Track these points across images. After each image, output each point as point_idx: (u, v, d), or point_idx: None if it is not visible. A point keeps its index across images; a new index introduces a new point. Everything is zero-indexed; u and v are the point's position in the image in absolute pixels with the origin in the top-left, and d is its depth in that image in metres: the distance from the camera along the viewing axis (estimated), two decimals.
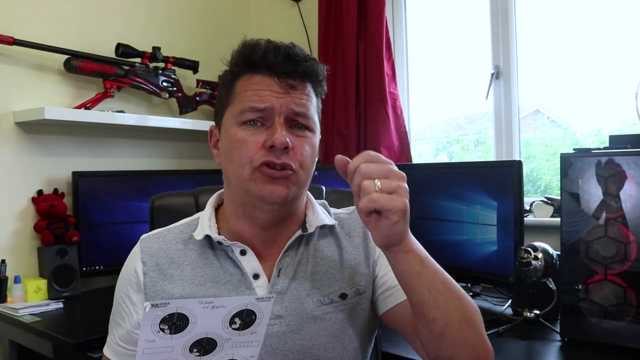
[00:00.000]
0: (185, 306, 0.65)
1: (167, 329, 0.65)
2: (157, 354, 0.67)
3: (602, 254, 1.31)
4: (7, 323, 1.76)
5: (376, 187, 0.75)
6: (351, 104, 2.35)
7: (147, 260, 0.93)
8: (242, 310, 0.68)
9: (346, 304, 0.94)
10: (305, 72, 0.90)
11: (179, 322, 0.66)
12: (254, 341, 0.71)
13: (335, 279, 0.95)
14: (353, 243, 0.99)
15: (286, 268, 0.94)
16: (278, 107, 0.88)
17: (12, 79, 1.97)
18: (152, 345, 0.66)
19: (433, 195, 1.95)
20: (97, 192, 2.08)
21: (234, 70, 0.93)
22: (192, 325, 0.66)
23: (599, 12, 2.03)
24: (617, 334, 1.29)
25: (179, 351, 0.68)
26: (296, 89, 0.89)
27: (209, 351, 0.69)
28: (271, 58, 0.88)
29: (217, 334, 0.68)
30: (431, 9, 2.52)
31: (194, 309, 0.65)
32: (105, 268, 2.09)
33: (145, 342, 0.66)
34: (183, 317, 0.65)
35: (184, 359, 0.68)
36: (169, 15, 2.48)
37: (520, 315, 1.51)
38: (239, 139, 0.88)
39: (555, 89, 2.17)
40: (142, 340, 0.66)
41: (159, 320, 0.64)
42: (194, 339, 0.67)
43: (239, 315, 0.68)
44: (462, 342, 0.83)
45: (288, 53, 0.89)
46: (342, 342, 0.92)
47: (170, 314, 0.64)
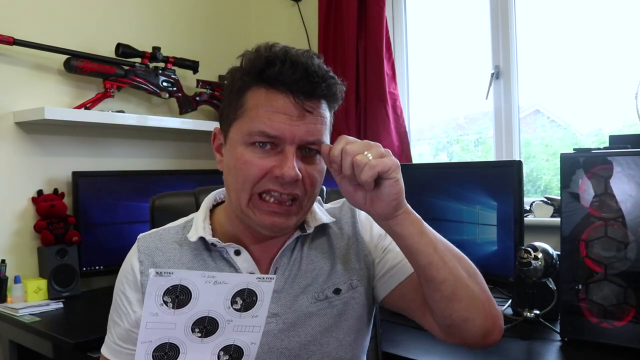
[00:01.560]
0: (189, 278, 0.67)
1: (170, 302, 0.66)
2: (160, 330, 0.68)
3: (602, 254, 1.31)
4: (7, 323, 1.76)
5: (368, 157, 0.78)
6: (351, 104, 2.35)
7: (144, 259, 0.93)
8: (243, 289, 0.69)
9: (340, 299, 0.94)
10: (323, 93, 0.86)
11: (182, 296, 0.67)
12: (256, 326, 0.72)
13: (329, 275, 0.96)
14: (344, 238, 0.99)
15: (282, 267, 0.94)
16: (290, 137, 0.83)
17: (12, 79, 1.97)
18: (155, 320, 0.67)
19: (433, 195, 1.95)
20: (97, 192, 2.08)
21: (244, 80, 0.87)
22: (195, 301, 0.67)
23: (599, 12, 2.03)
24: (617, 334, 1.29)
25: (181, 329, 0.69)
26: (312, 112, 0.85)
27: (211, 333, 0.70)
28: (288, 75, 0.82)
29: (219, 314, 0.69)
30: (431, 9, 2.52)
31: (196, 282, 0.67)
32: (105, 268, 2.09)
33: (149, 315, 0.67)
34: (186, 291, 0.67)
35: (186, 338, 0.69)
36: (169, 15, 2.48)
37: (520, 315, 1.51)
38: (245, 161, 0.85)
39: (555, 89, 2.17)
40: (146, 313, 0.67)
41: (162, 291, 0.66)
42: (197, 317, 0.69)
43: (240, 295, 0.69)
44: (473, 300, 0.85)
45: (307, 71, 0.83)
46: (337, 336, 0.93)
47: (173, 285, 0.66)
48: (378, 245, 0.99)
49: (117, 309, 0.95)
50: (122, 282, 0.95)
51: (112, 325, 0.95)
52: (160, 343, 0.69)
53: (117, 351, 0.93)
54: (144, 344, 0.68)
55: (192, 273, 0.67)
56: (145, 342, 0.68)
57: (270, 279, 0.70)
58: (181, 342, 0.70)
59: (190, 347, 0.70)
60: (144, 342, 0.68)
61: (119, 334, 0.93)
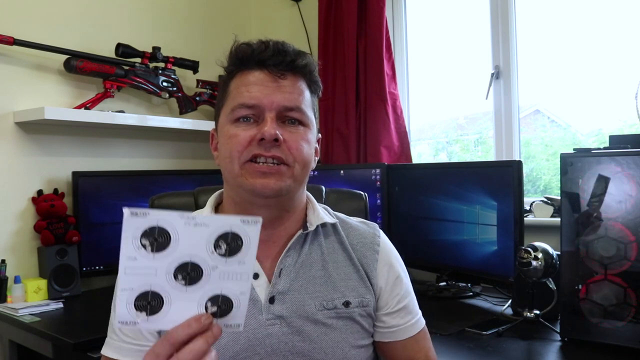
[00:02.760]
0: (166, 219, 0.63)
1: (148, 246, 0.63)
2: (140, 276, 0.64)
3: (602, 254, 1.31)
4: (7, 323, 1.76)
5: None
6: (351, 104, 2.35)
7: None
8: (226, 232, 0.65)
9: (349, 312, 0.94)
10: (294, 64, 0.91)
11: (161, 239, 0.63)
12: (243, 273, 0.67)
13: (340, 286, 0.95)
14: (357, 252, 0.99)
15: (287, 268, 0.93)
16: (269, 104, 0.89)
17: (12, 79, 1.97)
18: (134, 265, 0.64)
19: (433, 195, 1.95)
20: (97, 192, 2.08)
21: (228, 70, 0.95)
22: (175, 244, 0.64)
23: (599, 12, 2.03)
24: (617, 334, 1.29)
25: (162, 275, 0.65)
26: (286, 78, 0.90)
27: (195, 280, 0.66)
28: (260, 53, 0.90)
29: (202, 259, 0.65)
30: (431, 9, 2.52)
31: (175, 223, 0.63)
32: (105, 268, 2.09)
33: (127, 259, 0.64)
34: (164, 234, 0.64)
35: (169, 286, 0.65)
36: (169, 15, 2.48)
37: (520, 315, 1.51)
38: (230, 135, 0.90)
39: (555, 89, 2.17)
40: (123, 257, 0.64)
41: (139, 233, 0.63)
42: (178, 262, 0.65)
43: (224, 239, 0.65)
44: None
45: (277, 48, 0.91)
46: (342, 348, 0.92)
47: (150, 227, 0.63)
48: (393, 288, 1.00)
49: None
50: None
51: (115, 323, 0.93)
52: (141, 291, 0.65)
53: (123, 348, 0.90)
54: (124, 292, 0.64)
55: (169, 214, 0.64)
56: (126, 289, 0.64)
57: (256, 222, 0.66)
58: (164, 290, 0.65)
59: (175, 296, 0.65)
60: (124, 290, 0.64)
61: (127, 329, 0.90)
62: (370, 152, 2.32)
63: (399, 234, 2.07)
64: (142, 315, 0.65)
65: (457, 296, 1.90)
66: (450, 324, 1.55)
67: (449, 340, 1.44)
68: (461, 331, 1.50)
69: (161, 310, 0.66)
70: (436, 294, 1.93)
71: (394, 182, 2.10)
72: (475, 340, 1.43)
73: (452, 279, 1.95)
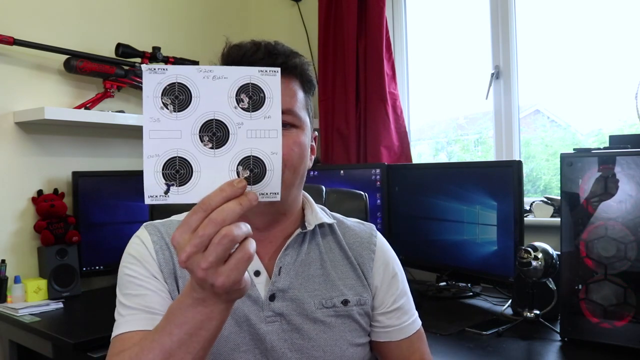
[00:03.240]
0: (185, 74, 0.63)
1: (170, 104, 0.62)
2: (165, 140, 0.63)
3: (602, 254, 1.31)
4: (7, 323, 1.76)
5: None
6: (351, 104, 2.35)
7: (157, 240, 0.92)
8: (246, 84, 0.64)
9: (347, 311, 0.95)
10: (286, 65, 0.89)
11: (182, 96, 0.63)
12: (272, 130, 0.65)
13: (339, 284, 0.96)
14: (354, 251, 1.00)
15: (287, 267, 0.94)
16: None
17: (12, 79, 1.97)
18: (157, 127, 0.63)
19: (433, 195, 1.95)
20: (97, 192, 2.08)
21: None
22: (196, 100, 0.63)
23: (599, 12, 2.03)
24: (617, 334, 1.29)
25: (188, 137, 0.63)
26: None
27: (222, 141, 0.64)
28: (252, 55, 0.88)
29: (226, 116, 0.64)
30: (431, 9, 2.52)
31: (193, 78, 0.63)
32: (105, 268, 2.09)
33: (150, 121, 0.62)
34: (185, 90, 0.63)
35: (196, 150, 0.63)
36: (168, 15, 2.48)
37: (520, 315, 1.51)
38: None
39: (555, 89, 2.17)
40: (147, 120, 0.62)
41: (160, 91, 0.62)
42: (202, 120, 0.63)
43: (245, 92, 0.64)
44: None
45: (268, 49, 0.89)
46: (340, 346, 0.93)
47: (170, 84, 0.62)
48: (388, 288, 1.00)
49: (131, 285, 0.89)
50: (132, 259, 0.91)
51: (129, 300, 0.88)
52: (168, 157, 0.63)
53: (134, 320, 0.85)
54: (151, 159, 0.62)
55: (187, 68, 0.63)
56: (152, 155, 0.63)
57: (274, 72, 0.65)
58: (192, 155, 0.63)
59: (204, 162, 0.63)
60: (151, 157, 0.62)
61: (145, 301, 0.86)
62: (370, 152, 2.32)
63: (399, 234, 2.07)
64: (172, 188, 0.63)
65: (457, 296, 1.90)
66: (450, 324, 1.55)
67: (449, 340, 1.44)
68: (461, 331, 1.50)
69: (190, 179, 0.63)
70: (436, 294, 1.93)
71: (394, 182, 2.10)
72: (475, 340, 1.43)
73: (452, 279, 1.95)
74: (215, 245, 0.60)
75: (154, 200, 0.63)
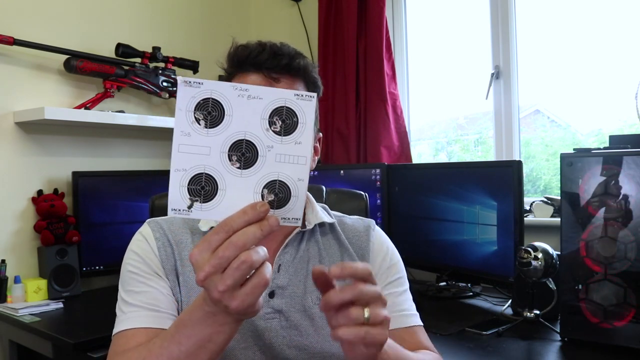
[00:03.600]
0: (220, 90, 0.62)
1: (202, 120, 0.62)
2: (194, 155, 0.62)
3: (602, 254, 1.31)
4: (7, 323, 1.76)
5: (365, 317, 0.65)
6: (351, 104, 2.35)
7: (159, 236, 0.94)
8: (281, 107, 0.63)
9: None
10: (290, 66, 0.90)
11: (215, 112, 0.62)
12: (301, 156, 0.64)
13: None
14: (353, 246, 1.01)
15: (286, 264, 0.95)
16: None
17: (12, 79, 1.97)
18: (187, 141, 0.62)
19: (433, 195, 1.95)
20: (97, 192, 2.08)
21: (227, 72, 0.96)
22: (229, 119, 0.62)
23: (599, 12, 2.03)
24: (617, 334, 1.29)
25: (216, 155, 0.63)
26: (280, 82, 0.90)
27: (250, 162, 0.63)
28: (257, 56, 0.90)
29: (257, 137, 0.63)
30: (431, 9, 2.52)
31: (228, 95, 0.62)
32: (105, 268, 2.09)
33: (180, 135, 0.62)
34: (218, 106, 0.62)
35: (224, 168, 0.63)
36: (168, 15, 2.48)
37: (520, 315, 1.51)
38: None
39: (555, 89, 2.17)
40: (177, 133, 0.62)
41: (193, 105, 0.62)
42: (233, 139, 0.63)
43: (278, 115, 0.63)
44: None
45: (273, 50, 0.90)
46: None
47: (204, 99, 0.62)
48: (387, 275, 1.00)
49: (133, 281, 0.90)
50: (135, 255, 0.92)
51: (131, 297, 0.89)
52: (195, 173, 0.63)
53: (147, 317, 0.86)
54: (178, 172, 0.63)
55: (222, 84, 0.62)
56: (179, 170, 0.63)
57: (310, 97, 0.64)
58: (219, 173, 0.63)
59: (230, 181, 0.63)
60: (178, 170, 0.63)
61: (147, 298, 0.88)
62: (370, 152, 2.32)
63: (399, 234, 2.07)
64: (196, 204, 0.63)
65: (457, 296, 1.90)
66: (450, 324, 1.55)
67: (449, 340, 1.44)
68: (461, 331, 1.50)
69: (215, 197, 0.63)
70: (436, 294, 1.93)
71: (394, 182, 2.10)
72: (475, 340, 1.43)
73: (452, 279, 1.95)
74: (234, 269, 0.60)
75: (176, 213, 0.64)
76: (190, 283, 0.91)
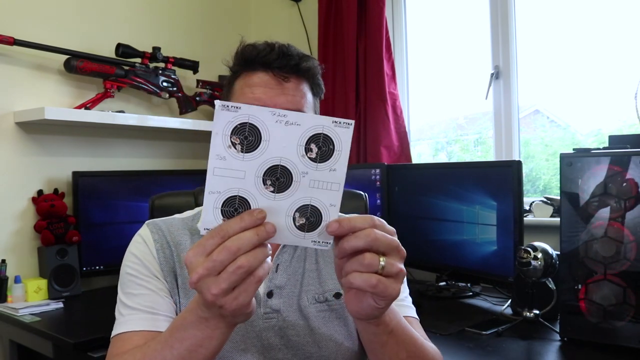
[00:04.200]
0: (257, 115, 0.61)
1: (238, 144, 0.61)
2: (229, 179, 0.62)
3: (601, 254, 1.31)
4: (7, 323, 1.77)
5: (380, 266, 0.63)
6: (351, 104, 2.35)
7: (157, 238, 0.94)
8: (318, 134, 0.63)
9: (340, 304, 0.95)
10: (298, 67, 0.91)
11: (251, 137, 0.62)
12: (334, 183, 0.65)
13: (331, 278, 0.97)
14: None
15: (284, 264, 0.95)
16: (272, 106, 0.87)
17: (12, 79, 1.97)
18: (222, 165, 0.62)
19: (433, 195, 1.95)
20: (97, 192, 2.08)
21: (233, 70, 0.96)
22: (265, 144, 0.62)
23: (598, 12, 2.03)
24: (617, 334, 1.29)
25: (251, 179, 0.62)
26: (289, 81, 0.91)
27: (284, 187, 0.63)
28: (266, 55, 0.91)
29: (292, 163, 0.63)
30: (431, 9, 2.52)
31: (266, 120, 0.61)
32: (105, 268, 2.09)
33: (216, 159, 0.61)
34: (255, 131, 0.62)
35: (257, 192, 0.63)
36: (168, 15, 2.48)
37: (520, 315, 1.51)
38: None
39: (555, 89, 2.17)
40: (212, 156, 0.61)
41: (230, 129, 0.61)
42: (268, 165, 0.62)
43: (315, 142, 0.63)
44: None
45: (282, 51, 0.91)
46: (335, 340, 0.93)
47: (241, 123, 0.61)
48: None
49: (132, 284, 0.90)
50: (134, 257, 0.92)
51: (130, 299, 0.90)
52: (229, 195, 0.63)
53: (146, 319, 0.87)
54: (212, 195, 0.62)
55: (261, 109, 0.61)
56: (214, 192, 0.62)
57: (348, 124, 0.64)
58: (252, 196, 0.63)
59: (263, 204, 0.63)
60: (212, 193, 0.62)
61: (146, 300, 0.88)
62: (370, 152, 2.33)
63: (399, 234, 2.05)
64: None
65: (457, 296, 1.90)
66: (450, 324, 1.55)
67: (449, 340, 1.44)
68: (461, 331, 1.50)
69: None
70: (436, 294, 1.93)
71: (394, 182, 2.10)
72: (475, 340, 1.43)
73: (452, 279, 1.95)
74: (230, 273, 0.60)
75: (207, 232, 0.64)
76: (188, 284, 0.91)
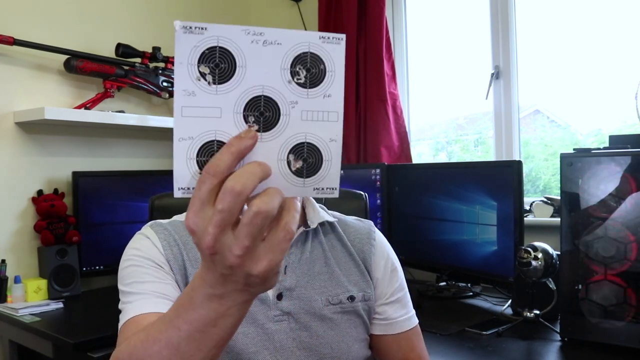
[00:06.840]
0: (228, 36, 0.49)
1: (208, 74, 0.50)
2: (202, 119, 0.50)
3: (602, 254, 1.31)
4: (7, 323, 1.76)
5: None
6: (351, 104, 2.35)
7: (164, 237, 0.91)
8: (304, 53, 0.51)
9: (353, 306, 0.96)
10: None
11: (224, 64, 0.50)
12: (331, 112, 0.52)
13: (343, 281, 0.97)
14: (355, 247, 1.01)
15: (292, 265, 0.95)
16: None
17: (12, 79, 1.97)
18: (192, 102, 0.50)
19: (433, 195, 1.95)
20: (97, 192, 2.08)
21: None
22: (241, 71, 0.50)
23: (598, 12, 2.03)
24: (617, 334, 1.29)
25: (229, 117, 0.50)
26: None
27: (271, 123, 0.51)
28: None
29: (277, 92, 0.51)
30: (431, 9, 2.52)
31: (239, 41, 0.50)
32: (105, 268, 2.09)
33: (182, 94, 0.50)
34: (228, 57, 0.50)
35: (238, 131, 0.50)
36: (169, 15, 2.48)
37: (520, 315, 1.51)
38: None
39: (555, 89, 2.17)
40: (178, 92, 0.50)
41: (197, 57, 0.49)
42: (248, 96, 0.51)
43: (302, 63, 0.51)
44: None
45: None
46: (347, 342, 0.94)
47: (210, 48, 0.49)
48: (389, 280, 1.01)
49: (137, 273, 0.87)
50: (136, 251, 0.89)
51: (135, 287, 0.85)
52: (204, 141, 0.50)
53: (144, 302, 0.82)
54: (183, 142, 0.50)
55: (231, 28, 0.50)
56: (185, 138, 0.50)
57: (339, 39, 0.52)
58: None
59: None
60: (183, 139, 0.50)
61: (154, 287, 0.84)
62: (370, 152, 2.33)
63: (399, 234, 2.07)
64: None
65: (457, 296, 1.90)
66: (450, 324, 1.55)
67: (449, 340, 1.44)
68: (461, 331, 1.50)
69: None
70: (436, 294, 1.93)
71: (394, 182, 2.10)
72: (475, 340, 1.43)
73: (452, 278, 1.95)
74: (247, 225, 0.47)
75: (185, 193, 0.51)
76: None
